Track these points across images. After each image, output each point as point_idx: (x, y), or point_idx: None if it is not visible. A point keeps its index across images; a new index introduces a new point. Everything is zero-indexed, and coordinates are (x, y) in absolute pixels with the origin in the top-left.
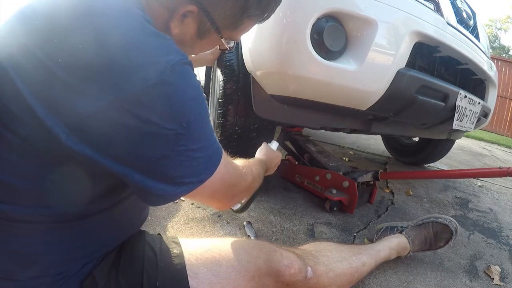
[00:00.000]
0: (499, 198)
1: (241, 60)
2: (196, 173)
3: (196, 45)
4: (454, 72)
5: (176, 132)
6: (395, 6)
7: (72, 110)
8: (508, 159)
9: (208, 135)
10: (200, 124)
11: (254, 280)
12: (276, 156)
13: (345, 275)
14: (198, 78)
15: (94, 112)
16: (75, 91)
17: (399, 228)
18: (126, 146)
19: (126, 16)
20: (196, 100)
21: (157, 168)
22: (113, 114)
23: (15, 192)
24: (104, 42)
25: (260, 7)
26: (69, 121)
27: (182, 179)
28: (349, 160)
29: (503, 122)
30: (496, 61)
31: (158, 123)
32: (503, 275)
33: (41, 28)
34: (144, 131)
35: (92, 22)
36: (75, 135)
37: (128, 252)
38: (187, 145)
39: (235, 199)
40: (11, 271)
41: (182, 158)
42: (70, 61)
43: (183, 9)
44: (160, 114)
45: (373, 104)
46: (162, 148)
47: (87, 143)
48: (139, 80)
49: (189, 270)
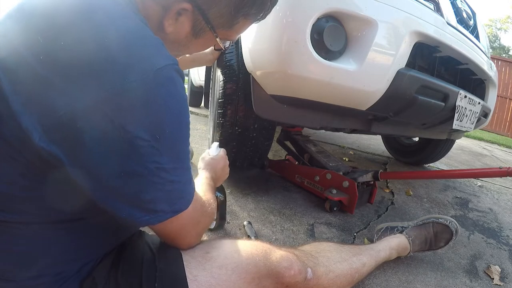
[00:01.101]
0: (499, 198)
1: (241, 60)
2: (170, 200)
3: (192, 45)
4: (454, 72)
5: (149, 144)
6: (395, 6)
7: (49, 108)
8: (508, 159)
9: (184, 158)
10: (177, 142)
11: (254, 282)
12: (217, 162)
13: (345, 276)
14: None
15: (70, 112)
16: (55, 89)
17: (400, 228)
18: (96, 154)
19: (118, 15)
20: (176, 113)
21: (126, 187)
22: (88, 115)
23: (5, 199)
24: (91, 41)
25: (256, 5)
26: (45, 121)
27: (154, 205)
28: (349, 160)
29: (503, 122)
30: (496, 61)
31: (132, 131)
32: (503, 275)
33: (29, 27)
34: (116, 138)
35: (82, 20)
36: (48, 135)
37: (128, 253)
38: (160, 163)
39: (200, 236)
40: (10, 272)
41: (155, 179)
42: (49, 57)
43: (177, 7)
44: (135, 121)
45: (373, 104)
46: (133, 162)
47: (58, 145)
48: (118, 81)
49: (189, 273)
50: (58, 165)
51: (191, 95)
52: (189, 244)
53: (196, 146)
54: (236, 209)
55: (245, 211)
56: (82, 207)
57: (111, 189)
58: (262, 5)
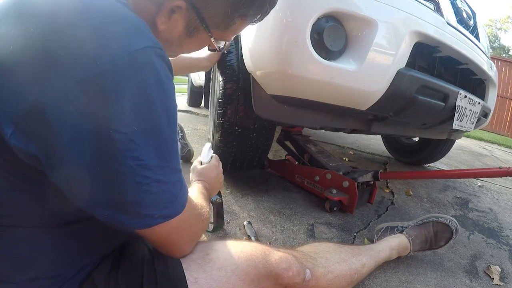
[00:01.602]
0: (499, 198)
1: (241, 60)
2: (157, 204)
3: (185, 44)
4: (454, 72)
5: (126, 137)
6: (395, 6)
7: (19, 102)
8: (508, 159)
9: (171, 157)
10: (159, 136)
11: (253, 283)
12: (210, 172)
13: (344, 276)
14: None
15: (38, 104)
16: (22, 80)
17: (400, 228)
18: (70, 149)
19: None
20: (155, 103)
21: (106, 187)
22: (58, 106)
23: (5, 205)
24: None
25: (254, 7)
26: (15, 116)
27: (139, 208)
28: (349, 160)
29: (503, 122)
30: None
31: (105, 122)
32: (503, 275)
33: (13, 17)
34: (89, 130)
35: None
36: (20, 131)
37: (128, 255)
38: (140, 159)
39: (193, 243)
40: (7, 274)
41: (137, 179)
42: (19, 48)
43: (170, 4)
44: (108, 111)
45: (373, 104)
46: (110, 158)
47: (31, 141)
48: (88, 66)
49: (189, 275)
50: (37, 166)
51: (191, 95)
52: (182, 252)
53: (196, 146)
54: (236, 209)
55: (245, 211)
56: (78, 210)
57: (90, 189)
58: (260, 6)
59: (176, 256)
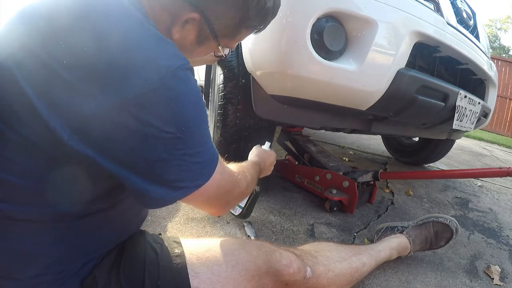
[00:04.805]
0: (499, 198)
1: (241, 60)
2: (192, 178)
3: (195, 51)
4: (454, 72)
5: (174, 136)
6: (395, 6)
7: (74, 110)
8: (508, 159)
9: (205, 141)
10: (199, 130)
11: (254, 279)
12: (269, 156)
13: (345, 275)
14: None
15: (95, 113)
16: (77, 91)
17: (400, 228)
18: (125, 148)
19: (128, 17)
20: (195, 106)
21: (155, 171)
22: (114, 115)
23: (15, 191)
24: (104, 42)
25: (259, 18)
26: (71, 122)
27: (178, 183)
28: (349, 160)
29: (503, 122)
30: (496, 61)
31: (158, 126)
32: (503, 275)
33: (43, 29)
34: (144, 133)
35: (92, 22)
36: (77, 135)
37: (129, 252)
38: (185, 150)
39: (229, 205)
40: (11, 270)
41: (180, 163)
42: (72, 61)
43: (185, 16)
44: (160, 117)
45: (373, 104)
46: (161, 151)
47: (88, 144)
48: (140, 83)
49: (190, 269)
50: (80, 161)
51: None
52: (218, 211)
53: None
54: None
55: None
56: (86, 205)
57: (143, 175)
58: (264, 18)
59: (214, 214)
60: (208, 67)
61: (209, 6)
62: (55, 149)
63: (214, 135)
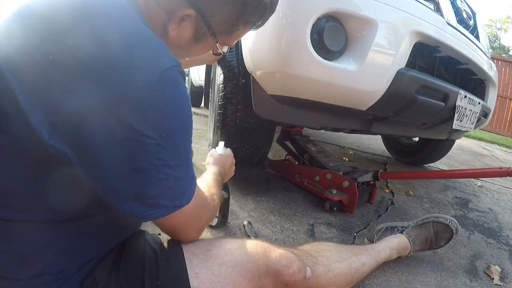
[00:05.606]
0: (499, 198)
1: (241, 60)
2: (172, 196)
3: (192, 49)
4: (454, 72)
5: (155, 142)
6: (395, 6)
7: (56, 106)
8: (508, 159)
9: (187, 157)
10: (181, 140)
11: (254, 279)
12: (226, 159)
13: (344, 275)
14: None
15: (78, 110)
16: (65, 88)
17: (400, 228)
18: (103, 150)
19: (123, 16)
20: (181, 114)
21: (132, 183)
22: (96, 114)
23: (12, 196)
24: (98, 40)
25: (257, 13)
26: (53, 118)
27: (157, 200)
28: (349, 160)
29: (503, 122)
30: (496, 61)
31: (139, 129)
32: (503, 275)
33: (38, 28)
34: (124, 136)
35: (89, 20)
36: (57, 133)
37: (129, 252)
38: (165, 159)
39: (201, 231)
40: (10, 270)
41: (160, 176)
42: (63, 59)
43: (181, 13)
44: (142, 120)
45: (373, 104)
46: (140, 159)
47: (67, 143)
48: (125, 81)
49: (190, 270)
50: (65, 162)
51: (191, 95)
52: (190, 238)
53: (196, 146)
54: (236, 209)
55: (245, 211)
56: (84, 206)
57: (118, 185)
58: (262, 13)
59: (184, 241)
60: (208, 67)
61: (204, 2)
62: (38, 149)
63: (214, 135)
